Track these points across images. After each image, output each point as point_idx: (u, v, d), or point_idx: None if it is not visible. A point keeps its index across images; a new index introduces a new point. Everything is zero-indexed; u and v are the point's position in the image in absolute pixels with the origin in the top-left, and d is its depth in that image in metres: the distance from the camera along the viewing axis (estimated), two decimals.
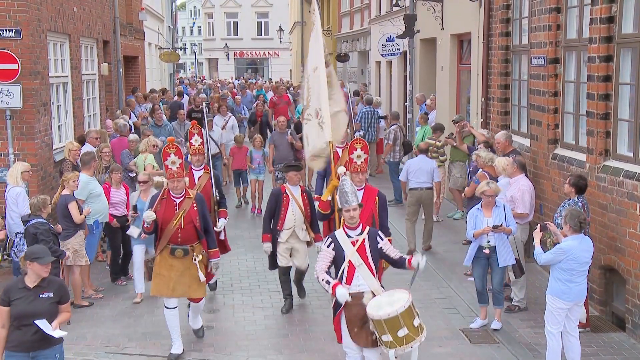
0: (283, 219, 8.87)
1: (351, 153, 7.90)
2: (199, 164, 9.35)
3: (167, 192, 7.66)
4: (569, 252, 7.00)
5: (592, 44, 8.78)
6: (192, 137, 9.25)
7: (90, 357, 7.93)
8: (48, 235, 8.64)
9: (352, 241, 6.36)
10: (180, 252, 7.62)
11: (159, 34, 30.57)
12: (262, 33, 63.28)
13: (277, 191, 9.03)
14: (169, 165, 7.64)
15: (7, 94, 10.95)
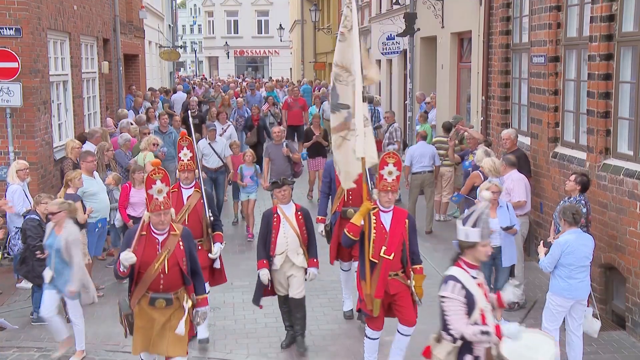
0: (274, 243, 7.67)
1: (381, 168, 6.88)
2: (188, 182, 8.04)
3: (147, 227, 6.17)
4: (565, 245, 6.98)
5: (592, 42, 8.78)
6: (181, 150, 8.07)
7: (91, 354, 7.93)
8: (36, 232, 8.55)
9: (477, 282, 5.09)
10: (161, 302, 6.18)
11: (159, 32, 30.57)
12: (263, 31, 63.25)
13: (268, 212, 7.84)
14: (153, 194, 6.07)
15: (7, 92, 10.95)
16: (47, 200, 8.80)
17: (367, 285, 6.83)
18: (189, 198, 7.96)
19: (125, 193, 10.12)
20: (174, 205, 7.40)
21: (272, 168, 12.53)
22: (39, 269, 8.54)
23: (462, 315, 4.87)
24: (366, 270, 6.87)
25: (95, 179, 10.15)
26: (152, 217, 6.12)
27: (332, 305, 9.30)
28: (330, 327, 8.66)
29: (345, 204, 8.58)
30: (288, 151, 12.58)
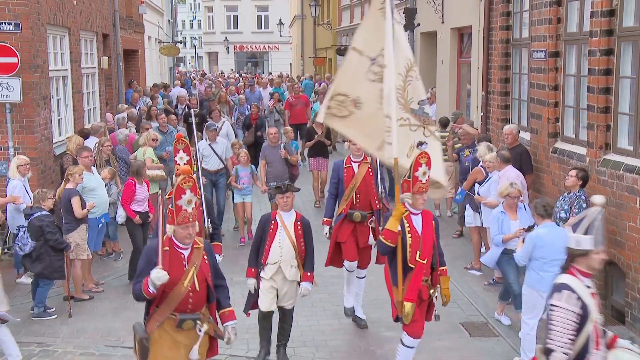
0: (268, 251, 7.14)
1: (415, 170, 6.45)
2: None
3: (170, 242, 5.51)
4: (537, 239, 7.05)
5: (592, 37, 8.76)
6: (177, 153, 7.56)
7: (91, 350, 7.94)
8: (53, 228, 8.71)
9: (591, 292, 4.68)
10: (190, 323, 5.54)
11: (159, 27, 30.52)
12: (262, 27, 63.14)
13: (265, 217, 7.33)
14: (182, 205, 5.37)
15: (6, 88, 10.93)
16: (51, 195, 8.86)
17: (399, 292, 6.56)
18: None
19: (130, 189, 10.03)
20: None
21: (269, 171, 12.10)
22: (57, 263, 8.70)
23: (568, 330, 4.44)
24: (399, 276, 6.54)
25: (93, 174, 10.16)
26: (179, 231, 5.42)
27: (332, 301, 9.31)
28: (330, 322, 8.67)
29: (353, 207, 8.26)
30: (286, 153, 12.14)
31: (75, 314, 8.98)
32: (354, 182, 8.23)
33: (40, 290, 8.88)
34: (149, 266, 5.37)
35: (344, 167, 8.39)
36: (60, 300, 9.36)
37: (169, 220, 5.45)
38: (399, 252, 6.49)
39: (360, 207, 8.21)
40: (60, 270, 8.85)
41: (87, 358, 7.74)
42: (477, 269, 10.20)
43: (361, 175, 8.24)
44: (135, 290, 5.50)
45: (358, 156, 8.37)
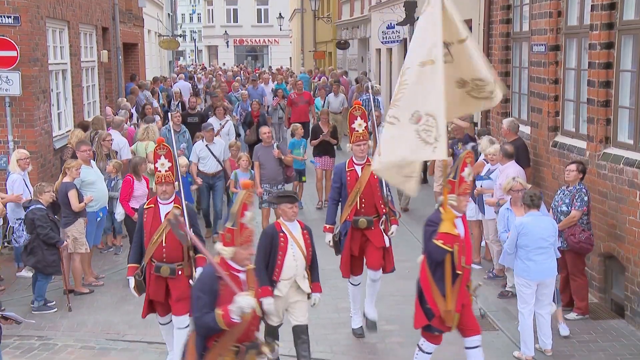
0: (281, 267, 6.64)
1: (462, 171, 6.18)
2: (166, 197, 6.96)
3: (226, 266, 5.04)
4: (520, 227, 7.19)
5: (593, 30, 8.75)
6: (158, 159, 6.91)
7: (91, 343, 7.96)
8: (45, 221, 8.67)
9: None
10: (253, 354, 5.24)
11: (159, 21, 30.47)
12: (262, 20, 63.04)
13: (271, 230, 6.72)
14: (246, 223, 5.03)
15: (6, 81, 10.92)
16: (50, 189, 8.85)
17: (448, 301, 6.24)
18: (167, 215, 6.74)
19: (128, 186, 9.90)
20: (150, 224, 6.90)
21: (263, 172, 11.33)
22: (50, 258, 8.67)
23: None
24: (447, 284, 6.25)
25: (92, 168, 10.15)
26: (240, 252, 4.99)
27: (332, 294, 9.30)
28: (330, 316, 8.67)
29: (357, 213, 7.80)
30: (279, 153, 11.43)
31: (75, 307, 9.00)
32: (358, 186, 7.76)
33: (39, 284, 8.89)
34: (209, 295, 4.85)
35: (347, 171, 7.87)
36: (60, 293, 9.37)
37: (227, 242, 4.96)
38: (447, 259, 6.18)
39: (365, 213, 7.79)
40: (53, 265, 8.82)
41: (87, 351, 7.76)
42: (476, 262, 10.20)
43: (365, 179, 7.75)
44: (204, 323, 4.85)
45: (361, 158, 7.87)
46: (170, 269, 6.86)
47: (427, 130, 5.77)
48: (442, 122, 5.72)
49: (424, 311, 6.39)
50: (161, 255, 6.87)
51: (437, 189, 13.20)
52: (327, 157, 13.86)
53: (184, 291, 6.78)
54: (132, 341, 8.05)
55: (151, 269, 6.92)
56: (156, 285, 6.95)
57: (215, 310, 4.80)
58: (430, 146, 5.77)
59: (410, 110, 5.82)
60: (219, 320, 4.78)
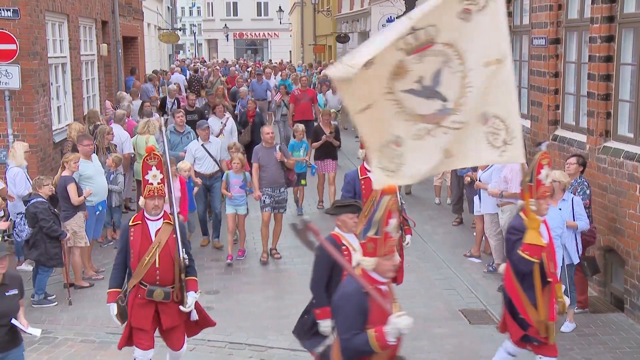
0: None
1: (538, 173, 5.78)
2: (157, 212, 6.26)
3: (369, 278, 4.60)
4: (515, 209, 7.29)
5: (593, 24, 8.73)
6: (148, 171, 6.16)
7: (91, 337, 7.97)
8: (48, 215, 8.71)
9: None
10: None
11: (158, 14, 30.42)
12: (262, 14, 62.96)
13: (331, 242, 5.84)
14: (391, 232, 4.64)
15: (5, 75, 10.90)
16: (48, 182, 8.85)
17: (540, 310, 5.96)
18: (158, 233, 6.24)
19: None
20: (139, 243, 6.17)
21: (263, 175, 10.46)
22: (52, 251, 8.70)
23: None
24: (538, 293, 5.95)
25: (92, 162, 10.13)
26: (383, 263, 4.55)
27: None
28: None
29: None
30: (282, 156, 10.55)
31: (75, 301, 9.00)
32: (374, 195, 6.84)
33: (39, 277, 8.90)
34: (358, 314, 4.43)
35: (361, 179, 7.39)
36: (60, 287, 9.38)
37: (369, 252, 4.52)
38: (535, 268, 5.88)
39: None
40: (56, 257, 8.84)
41: (87, 345, 7.77)
42: (476, 256, 10.22)
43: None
44: (354, 346, 4.42)
45: None
46: (165, 293, 6.21)
47: (494, 133, 5.44)
48: (513, 124, 5.38)
49: (518, 322, 6.07)
50: (154, 277, 6.18)
51: (437, 183, 13.22)
52: (330, 160, 13.12)
53: (175, 319, 6.31)
54: None
55: (137, 293, 6.23)
56: (143, 311, 6.24)
57: (367, 331, 4.37)
58: (498, 150, 5.45)
59: (478, 111, 5.44)
60: (372, 343, 4.35)
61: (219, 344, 7.74)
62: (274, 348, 7.66)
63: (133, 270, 6.21)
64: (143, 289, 6.20)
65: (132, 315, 6.24)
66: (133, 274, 6.21)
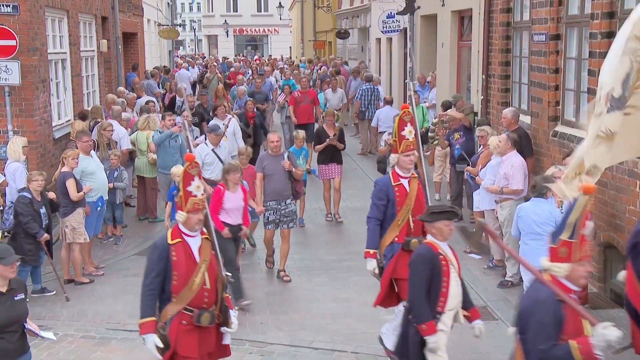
0: (446, 295, 5.62)
1: None
2: (199, 228, 5.61)
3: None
4: (518, 210, 7.66)
5: (593, 19, 8.72)
6: (190, 181, 5.46)
7: (92, 333, 7.97)
8: (27, 210, 8.57)
9: None
10: None
11: (158, 10, 30.35)
12: (262, 9, 62.89)
13: (429, 254, 5.62)
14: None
15: (5, 71, 10.90)
16: (37, 178, 8.76)
17: None
18: (200, 251, 5.57)
19: (217, 196, 8.58)
20: (184, 264, 5.45)
21: (268, 186, 9.58)
22: (26, 247, 8.56)
23: None
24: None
25: (92, 158, 10.13)
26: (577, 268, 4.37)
27: (332, 285, 9.33)
28: (330, 306, 8.69)
29: (409, 233, 6.86)
30: (290, 165, 9.68)
31: (75, 297, 9.01)
32: (408, 203, 6.83)
33: (19, 272, 8.85)
34: (554, 324, 4.22)
35: (394, 185, 6.90)
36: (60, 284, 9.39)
37: (562, 257, 4.30)
38: None
39: (415, 233, 6.86)
40: (29, 254, 8.61)
41: (87, 341, 7.78)
42: (476, 252, 10.21)
43: (414, 194, 6.86)
44: (554, 358, 4.22)
45: (408, 170, 6.94)
46: (211, 316, 5.58)
47: None
48: None
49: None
50: (202, 300, 5.50)
51: (437, 179, 13.22)
52: (334, 164, 12.27)
53: (213, 343, 5.74)
54: (133, 330, 8.02)
55: (181, 319, 5.52)
56: (190, 338, 5.55)
57: (569, 343, 4.15)
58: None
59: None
60: (575, 355, 4.12)
61: None
62: (274, 344, 7.66)
63: (176, 294, 5.47)
64: (188, 315, 5.49)
65: (178, 344, 5.51)
66: (175, 298, 5.47)
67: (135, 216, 12.50)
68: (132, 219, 12.27)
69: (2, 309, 5.27)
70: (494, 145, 9.40)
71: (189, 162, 5.47)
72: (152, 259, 5.50)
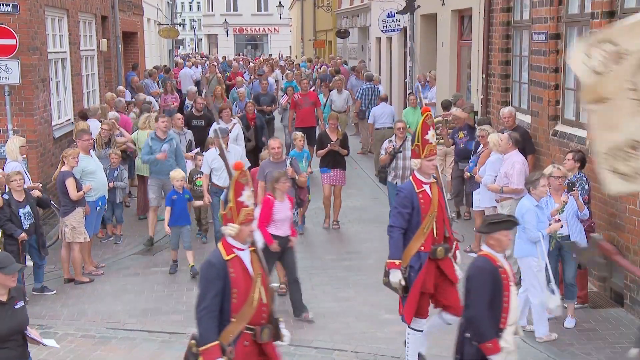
0: (507, 310, 5.32)
1: None
2: (250, 239, 5.13)
3: None
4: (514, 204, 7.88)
5: (594, 19, 8.72)
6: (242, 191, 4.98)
7: (92, 332, 7.97)
8: (3, 212, 8.45)
9: None
10: None
11: (158, 9, 30.35)
12: (262, 9, 62.90)
13: (488, 265, 5.31)
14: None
15: (5, 70, 10.90)
16: (16, 178, 8.67)
17: None
18: (252, 264, 5.10)
19: (268, 208, 8.07)
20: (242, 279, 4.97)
21: None
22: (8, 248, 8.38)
23: None
24: None
25: (92, 157, 10.12)
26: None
27: (332, 284, 9.33)
28: (330, 305, 8.69)
29: (434, 241, 6.57)
30: (293, 172, 9.27)
31: (75, 296, 9.02)
32: (432, 210, 6.55)
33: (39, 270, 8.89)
34: None
35: (418, 192, 6.56)
36: (60, 282, 9.40)
37: None
38: None
39: (439, 240, 6.63)
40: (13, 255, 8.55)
41: (87, 340, 7.77)
42: (476, 252, 10.21)
43: (436, 200, 6.59)
44: None
45: (429, 175, 6.66)
46: (269, 331, 5.18)
47: None
48: None
49: None
50: (261, 316, 5.09)
51: None
52: (338, 170, 11.73)
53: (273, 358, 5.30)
54: (133, 330, 8.07)
55: (244, 339, 5.04)
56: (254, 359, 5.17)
57: None
58: None
59: None
60: None
61: None
62: None
63: (235, 313, 4.95)
64: (249, 334, 5.03)
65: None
66: (236, 317, 4.96)
67: (135, 215, 12.50)
68: (132, 218, 12.27)
69: (4, 319, 5.17)
70: (494, 143, 9.40)
71: (239, 171, 4.97)
72: (209, 277, 4.90)
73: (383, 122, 15.17)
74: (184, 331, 7.90)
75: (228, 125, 12.02)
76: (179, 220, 9.70)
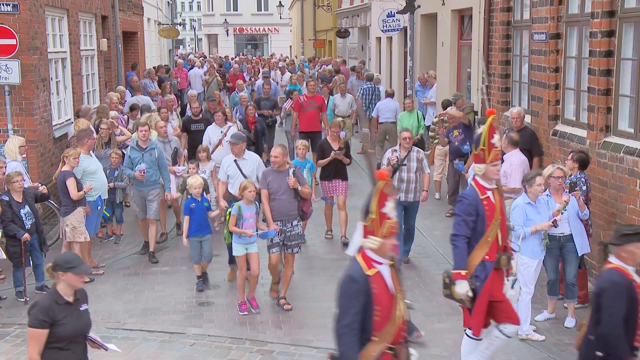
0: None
1: None
2: (391, 253, 4.79)
3: None
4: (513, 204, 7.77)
5: (594, 18, 8.72)
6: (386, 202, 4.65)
7: (91, 332, 7.95)
8: (5, 214, 8.48)
9: None
10: None
11: (158, 9, 30.35)
12: (262, 8, 62.89)
13: (622, 280, 5.13)
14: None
15: (5, 70, 10.90)
16: (17, 179, 8.69)
17: None
18: (394, 280, 4.77)
19: None
20: (385, 295, 4.63)
21: (272, 205, 8.56)
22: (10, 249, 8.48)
23: None
24: None
25: (92, 157, 10.12)
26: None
27: (332, 283, 9.29)
28: (330, 304, 8.61)
29: (499, 249, 6.30)
30: (295, 182, 8.59)
31: None
32: (496, 217, 6.25)
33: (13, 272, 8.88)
34: None
35: (482, 199, 6.27)
36: None
37: None
38: None
39: (502, 249, 6.38)
40: (15, 256, 8.63)
41: None
42: None
43: (499, 207, 6.28)
44: None
45: (492, 181, 6.35)
46: (407, 352, 4.88)
47: None
48: None
49: None
50: (401, 335, 4.75)
51: (438, 178, 13.23)
52: (339, 181, 10.98)
53: None
54: (133, 330, 8.06)
55: (385, 359, 4.68)
56: None
57: None
58: None
59: None
60: None
61: (219, 339, 7.75)
62: (274, 343, 7.66)
63: (378, 332, 4.60)
64: (389, 354, 4.69)
65: None
66: (377, 336, 4.60)
67: (135, 215, 12.48)
68: (132, 218, 12.26)
69: (70, 320, 5.07)
70: None
71: (383, 181, 4.56)
72: (350, 293, 4.55)
73: (387, 117, 15.76)
74: (184, 331, 7.92)
75: (222, 129, 11.81)
76: (200, 230, 9.03)
